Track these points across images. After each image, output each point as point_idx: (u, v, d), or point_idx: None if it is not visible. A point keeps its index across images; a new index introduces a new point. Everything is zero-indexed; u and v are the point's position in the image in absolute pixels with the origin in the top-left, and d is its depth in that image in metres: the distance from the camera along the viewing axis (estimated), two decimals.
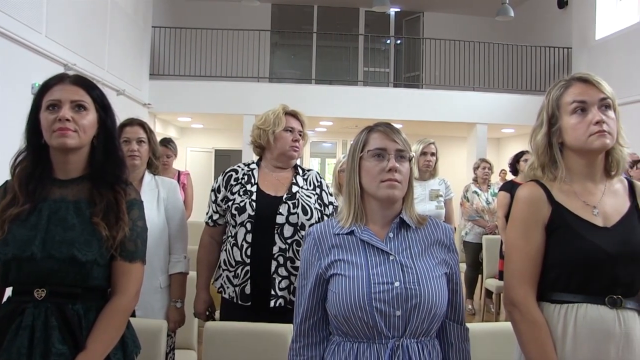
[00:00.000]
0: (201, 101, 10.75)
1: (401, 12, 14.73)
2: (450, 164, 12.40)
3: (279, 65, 14.72)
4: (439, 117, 11.33)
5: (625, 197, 1.67)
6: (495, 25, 12.75)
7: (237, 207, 2.47)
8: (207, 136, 14.35)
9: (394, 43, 14.92)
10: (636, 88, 9.23)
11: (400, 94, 11.90)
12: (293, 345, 1.63)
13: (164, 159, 5.10)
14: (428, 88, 12.28)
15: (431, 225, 1.66)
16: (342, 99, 11.12)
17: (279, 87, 11.61)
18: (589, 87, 1.60)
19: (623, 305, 1.54)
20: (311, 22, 14.46)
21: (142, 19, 9.98)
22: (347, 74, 13.62)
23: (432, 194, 4.16)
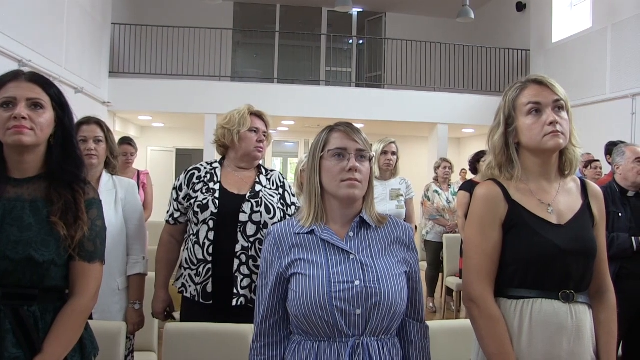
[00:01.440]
0: (162, 100, 10.61)
1: (363, 13, 14.81)
2: (411, 163, 12.53)
3: (241, 64, 14.63)
4: (401, 117, 11.44)
5: (578, 195, 1.72)
6: (456, 27, 12.94)
7: (200, 204, 2.46)
8: (168, 135, 14.18)
9: (356, 43, 14.99)
10: (590, 90, 9.51)
11: (362, 93, 11.98)
12: (254, 345, 1.63)
13: (128, 156, 5.04)
14: (390, 88, 12.39)
15: (391, 224, 1.68)
16: (304, 99, 11.13)
17: (241, 86, 11.56)
18: (544, 89, 1.64)
19: (575, 299, 1.59)
20: (274, 21, 14.42)
21: (100, 15, 9.78)
22: (309, 73, 13.63)
23: (393, 194, 4.18)
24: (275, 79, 13.16)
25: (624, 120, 8.74)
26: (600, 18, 9.57)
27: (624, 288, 3.06)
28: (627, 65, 8.86)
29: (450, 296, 6.14)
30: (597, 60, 9.53)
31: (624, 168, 3.40)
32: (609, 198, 3.30)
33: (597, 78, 9.51)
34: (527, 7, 11.92)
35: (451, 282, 5.69)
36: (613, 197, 3.36)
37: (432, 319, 5.37)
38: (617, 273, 3.16)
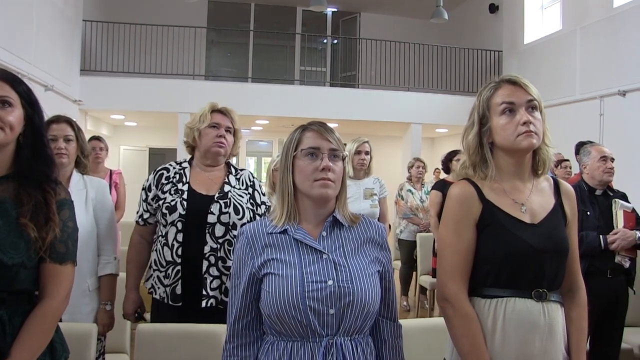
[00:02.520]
0: (135, 98, 10.48)
1: (338, 12, 14.84)
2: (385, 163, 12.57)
3: (215, 63, 14.55)
4: (375, 116, 11.48)
5: (550, 194, 1.74)
6: (430, 28, 13.03)
7: (168, 206, 2.44)
8: (141, 134, 14.02)
9: (331, 43, 15.01)
10: (561, 91, 9.67)
11: (336, 93, 12.01)
12: (226, 345, 1.61)
13: (97, 151, 4.97)
14: (364, 88, 12.43)
15: (364, 223, 1.68)
16: (278, 98, 11.10)
17: (215, 85, 11.48)
18: (517, 89, 1.65)
19: (548, 298, 1.61)
20: (248, 19, 14.36)
21: (72, 11, 9.61)
22: (283, 72, 13.60)
23: (367, 193, 4.19)
24: (249, 78, 13.11)
25: (592, 121, 8.90)
26: (570, 21, 9.74)
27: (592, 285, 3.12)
28: (595, 68, 9.02)
29: (424, 294, 6.18)
30: (567, 62, 9.70)
31: (590, 167, 3.46)
32: (577, 197, 3.33)
33: (567, 79, 9.67)
34: (500, 9, 12.07)
35: (425, 280, 5.72)
36: (582, 196, 3.41)
37: (406, 318, 5.40)
38: (586, 271, 3.20)
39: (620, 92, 8.39)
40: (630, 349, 3.62)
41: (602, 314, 3.28)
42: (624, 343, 3.52)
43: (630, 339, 3.63)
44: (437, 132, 14.03)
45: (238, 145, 2.71)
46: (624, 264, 3.34)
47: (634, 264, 3.42)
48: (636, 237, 3.30)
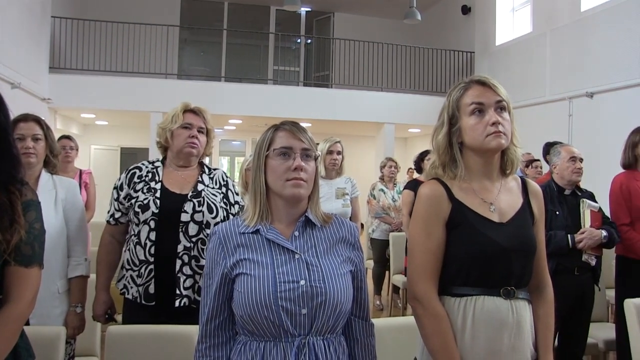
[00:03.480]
0: (106, 97, 10.34)
1: (312, 12, 14.85)
2: (359, 162, 12.66)
3: (188, 62, 14.45)
4: (348, 116, 11.52)
5: (518, 194, 1.76)
6: (403, 28, 13.12)
7: (141, 204, 2.42)
8: (113, 133, 13.85)
9: (305, 42, 15.02)
10: (532, 91, 9.83)
11: (309, 93, 12.01)
12: (199, 346, 1.61)
13: (67, 150, 4.90)
14: (337, 88, 12.46)
15: (336, 223, 1.68)
16: (251, 97, 11.05)
17: (188, 84, 11.41)
18: (487, 90, 1.67)
19: (516, 295, 1.63)
20: (221, 18, 14.29)
21: (39, 7, 9.42)
22: (257, 72, 13.56)
23: (339, 193, 4.21)
24: (222, 77, 13.06)
25: (561, 122, 9.06)
26: (540, 24, 9.90)
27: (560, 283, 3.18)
28: (564, 69, 9.18)
29: (397, 293, 6.22)
30: (537, 64, 9.85)
31: (560, 167, 3.52)
32: (547, 197, 3.41)
33: (537, 81, 9.83)
34: (472, 11, 12.21)
35: (397, 279, 5.76)
36: (551, 196, 3.47)
37: (379, 317, 5.42)
38: (554, 269, 3.27)
39: (588, 94, 8.55)
40: (595, 343, 3.71)
41: (570, 311, 3.35)
42: (590, 338, 3.60)
43: (596, 333, 3.72)
44: (410, 132, 14.13)
45: (211, 145, 2.69)
46: (591, 262, 3.41)
47: (600, 262, 3.50)
48: (602, 236, 3.37)
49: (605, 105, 8.30)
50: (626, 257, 3.66)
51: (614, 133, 6.97)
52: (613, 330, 3.72)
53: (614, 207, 3.71)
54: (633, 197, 3.61)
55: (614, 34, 8.14)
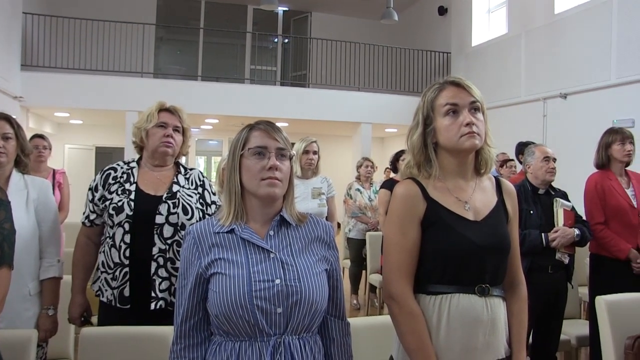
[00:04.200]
0: (81, 95, 10.19)
1: (289, 11, 14.84)
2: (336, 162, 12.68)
3: (164, 61, 14.34)
4: (325, 116, 11.54)
5: (493, 193, 1.78)
6: (380, 28, 13.17)
7: (115, 206, 2.39)
8: (87, 133, 13.65)
9: (282, 42, 15.01)
10: (506, 93, 9.96)
11: (286, 92, 12.00)
12: (174, 347, 1.59)
13: (40, 149, 4.83)
14: (314, 87, 12.47)
15: (311, 222, 1.69)
16: (228, 97, 11.01)
17: (164, 83, 11.31)
18: (461, 91, 1.68)
19: (490, 293, 1.65)
20: (198, 17, 14.21)
21: (9, 2, 9.21)
22: (234, 71, 13.52)
23: (314, 192, 4.21)
24: (199, 76, 12.98)
25: (536, 122, 9.18)
26: (515, 25, 10.02)
27: (534, 281, 3.24)
28: (539, 70, 9.31)
29: (374, 293, 6.23)
30: (513, 65, 9.98)
31: (534, 167, 3.57)
32: (521, 196, 3.46)
33: (512, 81, 9.95)
34: (449, 12, 12.31)
35: (374, 279, 5.78)
36: (525, 195, 3.51)
37: (356, 316, 5.44)
38: (528, 267, 3.31)
39: (562, 95, 8.69)
40: (568, 339, 3.76)
41: (544, 308, 3.40)
42: (563, 334, 3.66)
43: (569, 330, 3.78)
44: (387, 132, 14.20)
45: (187, 144, 2.67)
46: (564, 260, 3.46)
47: (573, 260, 3.56)
48: (574, 234, 3.43)
49: (578, 105, 8.44)
50: (599, 255, 3.74)
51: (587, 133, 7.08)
52: (585, 327, 3.79)
53: (589, 206, 3.78)
54: (607, 196, 3.68)
55: (587, 36, 8.28)
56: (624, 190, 3.70)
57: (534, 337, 3.51)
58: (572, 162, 6.52)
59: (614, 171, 3.76)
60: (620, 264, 3.62)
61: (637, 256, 3.61)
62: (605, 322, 2.77)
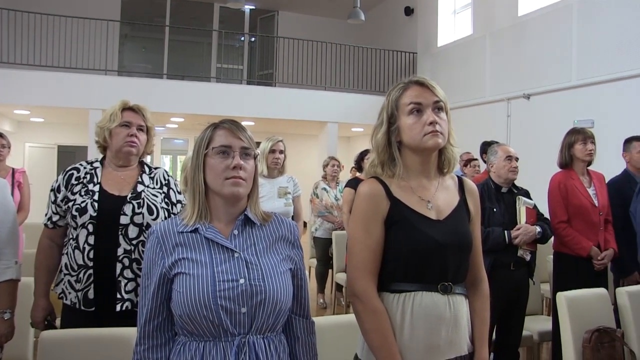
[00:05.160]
0: (42, 93, 9.96)
1: (256, 10, 14.80)
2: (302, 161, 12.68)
3: (128, 58, 14.15)
4: (292, 115, 11.54)
5: (455, 192, 1.80)
6: (347, 28, 13.23)
7: (78, 207, 2.35)
8: (49, 131, 13.35)
9: (248, 40, 14.94)
10: (471, 93, 10.11)
11: (253, 91, 11.93)
12: (137, 348, 1.58)
13: None
14: (281, 86, 12.46)
15: (275, 222, 1.69)
16: (194, 95, 10.92)
17: (128, 81, 11.11)
18: (425, 91, 1.70)
19: (453, 290, 1.67)
20: (164, 14, 14.06)
21: None
22: (200, 69, 13.42)
23: (281, 192, 4.20)
24: (164, 74, 12.83)
25: (500, 122, 9.33)
26: (480, 26, 10.17)
27: (497, 278, 3.30)
28: (503, 71, 9.47)
29: (340, 292, 6.26)
30: (478, 65, 10.12)
31: (497, 166, 3.62)
32: (485, 195, 3.52)
33: (477, 82, 10.09)
34: (415, 12, 12.42)
35: (340, 277, 5.80)
36: (489, 194, 3.57)
37: (322, 315, 5.46)
38: (491, 264, 3.37)
39: (526, 95, 8.85)
40: (530, 335, 3.85)
41: (507, 304, 3.45)
42: (525, 330, 3.73)
43: (531, 326, 3.87)
44: (353, 131, 14.25)
45: (152, 143, 2.64)
46: (526, 257, 3.53)
47: (534, 257, 3.63)
48: (536, 232, 3.49)
49: (541, 106, 8.61)
50: (562, 252, 3.82)
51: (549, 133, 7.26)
52: (547, 323, 3.89)
53: (552, 205, 3.86)
54: (570, 195, 3.76)
55: (549, 38, 8.46)
56: (586, 189, 3.79)
57: (497, 333, 3.57)
58: (534, 161, 6.65)
59: (577, 170, 3.85)
60: (581, 261, 3.71)
61: (598, 253, 3.71)
62: (566, 317, 2.84)
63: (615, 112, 7.28)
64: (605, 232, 3.81)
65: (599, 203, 3.77)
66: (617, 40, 7.33)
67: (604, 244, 3.77)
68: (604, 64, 7.49)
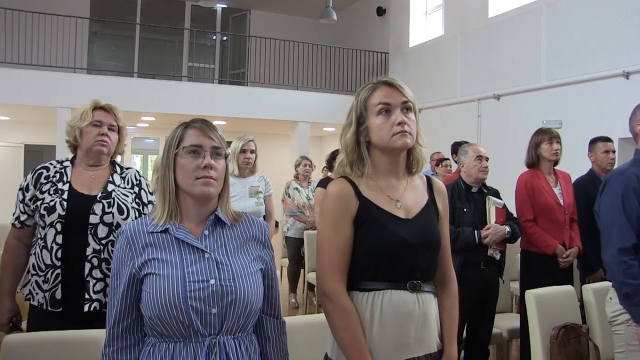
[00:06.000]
0: (8, 90, 9.72)
1: (228, 9, 14.72)
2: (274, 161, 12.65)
3: (98, 56, 13.95)
4: (263, 114, 11.51)
5: (424, 191, 1.82)
6: (319, 28, 13.23)
7: (47, 206, 2.32)
8: (15, 130, 13.07)
9: (220, 39, 14.86)
10: (443, 92, 10.22)
11: (225, 90, 11.86)
12: (106, 350, 1.56)
13: None
14: (253, 86, 12.43)
15: (246, 222, 1.68)
16: (165, 94, 10.81)
17: (98, 80, 10.95)
18: (393, 91, 1.71)
19: (422, 289, 1.68)
20: (135, 12, 13.87)
21: None
22: (171, 68, 13.31)
23: (252, 191, 4.19)
24: (135, 73, 12.66)
25: (471, 122, 9.45)
26: (451, 27, 10.27)
27: (467, 276, 3.35)
28: (474, 72, 9.59)
29: (312, 291, 6.25)
30: (449, 66, 10.22)
31: (467, 166, 3.67)
32: (455, 194, 3.56)
33: (448, 82, 10.20)
34: (387, 12, 12.48)
35: (312, 277, 5.79)
36: (459, 194, 3.61)
37: (294, 314, 5.45)
38: (462, 263, 3.41)
39: (496, 96, 8.98)
40: (500, 332, 3.91)
41: (477, 303, 3.49)
42: (495, 327, 3.79)
43: (500, 323, 3.92)
44: (325, 131, 14.27)
45: (123, 143, 2.62)
46: (495, 256, 3.57)
47: (504, 256, 3.68)
48: (505, 231, 3.54)
49: (511, 106, 8.74)
50: (529, 251, 3.88)
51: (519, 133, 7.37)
52: (516, 320, 3.94)
53: (519, 204, 3.92)
54: (536, 194, 3.82)
55: (519, 40, 8.59)
56: (552, 188, 3.86)
57: (467, 331, 3.61)
58: (504, 161, 6.74)
59: (543, 170, 3.91)
60: (548, 259, 3.78)
61: (562, 251, 3.78)
62: (534, 315, 2.89)
63: (582, 112, 7.43)
64: (571, 231, 3.89)
65: (565, 202, 3.85)
66: (585, 43, 7.48)
67: (569, 242, 3.85)
68: (572, 65, 7.64)
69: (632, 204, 2.46)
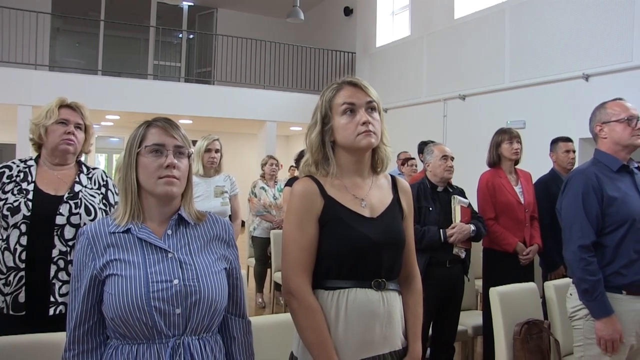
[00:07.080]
0: None
1: (194, 7, 14.62)
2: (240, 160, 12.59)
3: (61, 53, 13.68)
4: (230, 113, 11.46)
5: (389, 190, 1.84)
6: (287, 27, 13.23)
7: (10, 207, 2.27)
8: None
9: (187, 37, 14.74)
10: (410, 93, 10.31)
11: (191, 89, 11.75)
12: (66, 354, 1.53)
13: None
14: (219, 84, 12.34)
15: (210, 221, 1.67)
16: (130, 92, 10.66)
17: (61, 77, 10.73)
18: (358, 91, 1.72)
19: (386, 287, 1.70)
20: (99, 8, 13.64)
21: None
22: (136, 66, 13.14)
23: (217, 191, 4.15)
24: (99, 70, 12.47)
25: (437, 122, 9.55)
26: (418, 28, 10.36)
27: (433, 275, 3.38)
28: (440, 72, 9.69)
29: (279, 291, 6.24)
30: (415, 66, 10.31)
31: (433, 165, 3.70)
32: (421, 194, 3.59)
33: (414, 82, 10.29)
34: (354, 12, 12.55)
35: (279, 277, 5.77)
36: (425, 193, 3.64)
37: (261, 314, 5.43)
38: (427, 262, 3.44)
39: (461, 96, 9.09)
40: (465, 329, 3.97)
41: (443, 301, 3.53)
42: (460, 325, 3.83)
43: (465, 321, 3.98)
44: (292, 130, 14.28)
45: (90, 142, 2.58)
46: (461, 254, 3.61)
47: (469, 254, 3.73)
48: (470, 230, 3.59)
49: (476, 107, 8.87)
50: (491, 249, 3.95)
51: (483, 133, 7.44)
52: (480, 317, 3.99)
53: (481, 203, 3.98)
54: (497, 193, 3.89)
55: (484, 41, 8.72)
56: (513, 187, 3.93)
57: (433, 329, 3.65)
58: (469, 161, 6.83)
59: (504, 169, 3.98)
60: (509, 256, 3.85)
61: (523, 249, 3.85)
62: (498, 311, 2.94)
63: (545, 113, 7.58)
64: (531, 229, 3.96)
65: (525, 200, 3.92)
66: (547, 46, 7.64)
67: (529, 239, 3.92)
68: (535, 67, 7.79)
69: (592, 203, 2.52)
